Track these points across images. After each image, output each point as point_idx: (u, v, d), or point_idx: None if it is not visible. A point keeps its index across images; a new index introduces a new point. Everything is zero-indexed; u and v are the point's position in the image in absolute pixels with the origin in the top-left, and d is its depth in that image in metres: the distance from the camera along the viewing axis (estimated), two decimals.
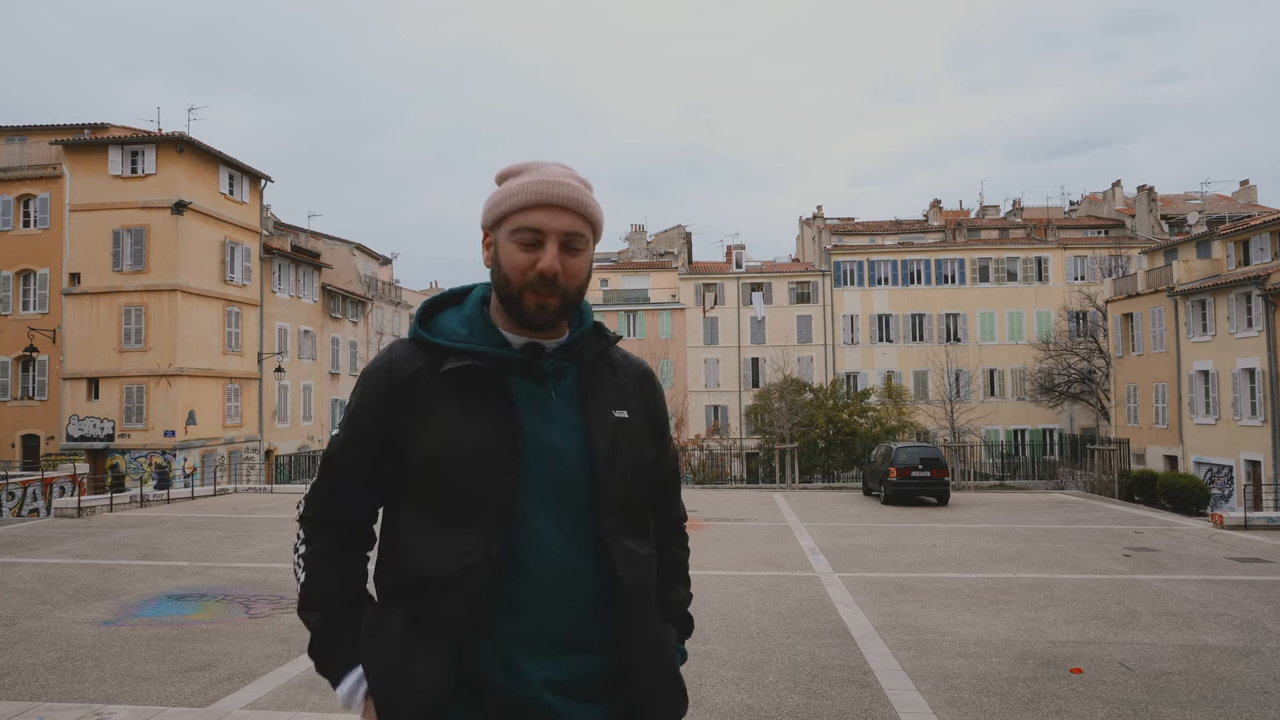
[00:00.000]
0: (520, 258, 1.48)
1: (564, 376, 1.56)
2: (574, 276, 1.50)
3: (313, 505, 1.58)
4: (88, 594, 9.35)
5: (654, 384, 1.72)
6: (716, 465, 37.08)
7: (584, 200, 1.50)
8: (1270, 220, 28.72)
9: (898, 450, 21.61)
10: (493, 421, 1.47)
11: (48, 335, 30.13)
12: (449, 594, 1.43)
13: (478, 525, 1.44)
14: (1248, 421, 26.86)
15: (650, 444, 1.65)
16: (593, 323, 1.64)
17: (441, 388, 1.49)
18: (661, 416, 1.72)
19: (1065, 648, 7.08)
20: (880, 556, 12.27)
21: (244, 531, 15.22)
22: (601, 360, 1.62)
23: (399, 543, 1.51)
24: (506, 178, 1.54)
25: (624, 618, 1.51)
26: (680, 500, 1.84)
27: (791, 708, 5.51)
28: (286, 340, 36.48)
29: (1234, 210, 45.90)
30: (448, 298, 1.65)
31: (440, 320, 1.59)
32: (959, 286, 47.53)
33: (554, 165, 1.53)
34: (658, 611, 1.61)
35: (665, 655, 1.58)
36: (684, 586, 1.77)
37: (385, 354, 1.56)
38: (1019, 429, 45.17)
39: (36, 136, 31.80)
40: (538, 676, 1.44)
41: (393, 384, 1.51)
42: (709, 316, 48.83)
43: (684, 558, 1.80)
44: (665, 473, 1.74)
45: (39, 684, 6.01)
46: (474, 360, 1.49)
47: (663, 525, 1.75)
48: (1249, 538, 14.79)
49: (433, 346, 1.53)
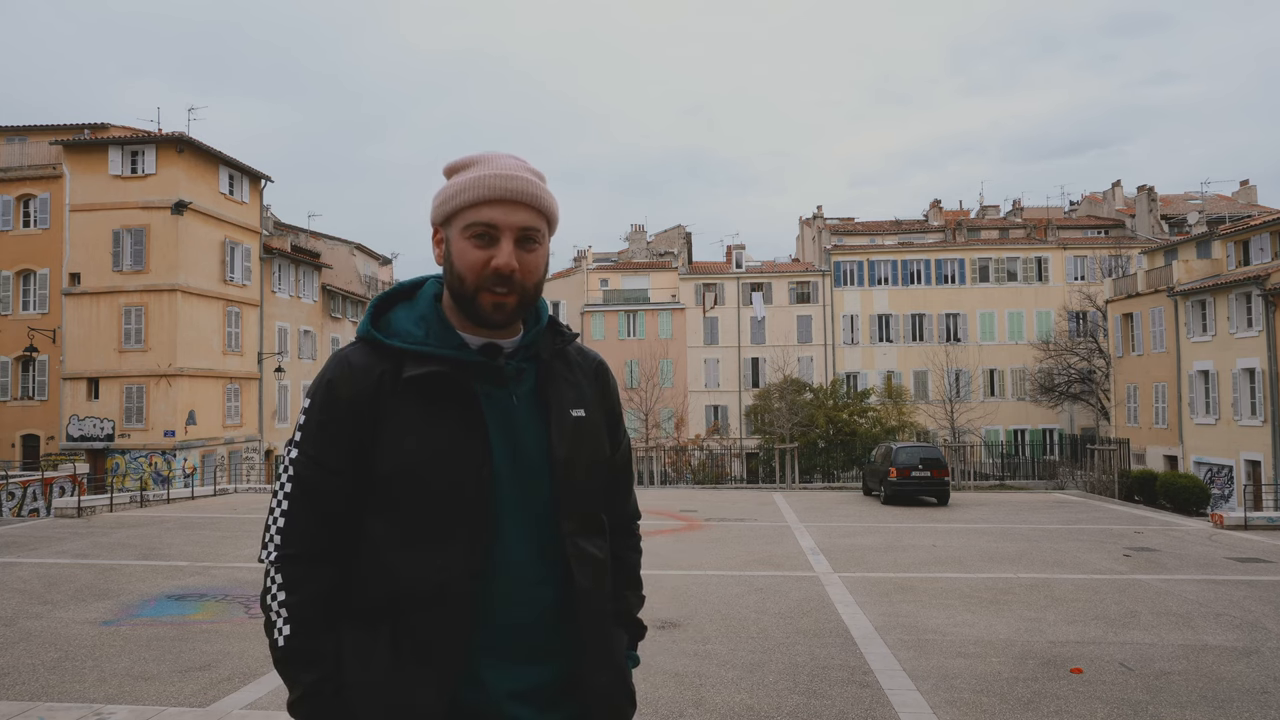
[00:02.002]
0: (474, 255, 1.43)
1: (524, 378, 1.52)
2: (531, 272, 1.45)
3: (291, 539, 1.42)
4: (88, 594, 9.35)
5: (608, 377, 1.69)
6: (716, 465, 37.07)
7: (538, 194, 1.45)
8: (1270, 220, 28.73)
9: (898, 450, 21.61)
10: (461, 430, 1.42)
11: (48, 335, 30.13)
12: (432, 611, 1.38)
13: (455, 538, 1.39)
14: (1248, 421, 26.86)
15: (606, 441, 1.62)
16: (548, 319, 1.60)
17: (405, 395, 1.43)
18: (616, 410, 1.70)
19: (1065, 648, 7.07)
20: (880, 556, 12.27)
21: (244, 531, 15.21)
22: (558, 358, 1.58)
23: (373, 560, 1.43)
24: (455, 171, 1.48)
25: (577, 622, 1.48)
26: (633, 496, 1.79)
27: (791, 708, 5.51)
28: (286, 340, 36.48)
29: (1234, 210, 45.90)
30: (398, 293, 1.58)
31: (394, 319, 1.51)
32: (959, 286, 47.53)
33: (506, 156, 1.47)
34: (610, 616, 1.57)
35: (616, 660, 1.55)
36: (634, 591, 1.73)
37: (342, 361, 1.47)
38: (1019, 429, 45.16)
39: (36, 136, 31.80)
40: (500, 687, 1.41)
41: (357, 393, 1.43)
42: (709, 316, 48.82)
43: (635, 560, 1.76)
44: (617, 466, 1.70)
45: (39, 684, 6.01)
46: (436, 366, 1.43)
47: (615, 521, 1.70)
48: (1249, 538, 14.79)
49: (388, 350, 1.45)
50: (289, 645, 1.40)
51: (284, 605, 1.41)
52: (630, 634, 1.70)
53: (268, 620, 1.44)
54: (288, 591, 1.41)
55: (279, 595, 1.41)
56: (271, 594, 1.42)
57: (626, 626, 1.68)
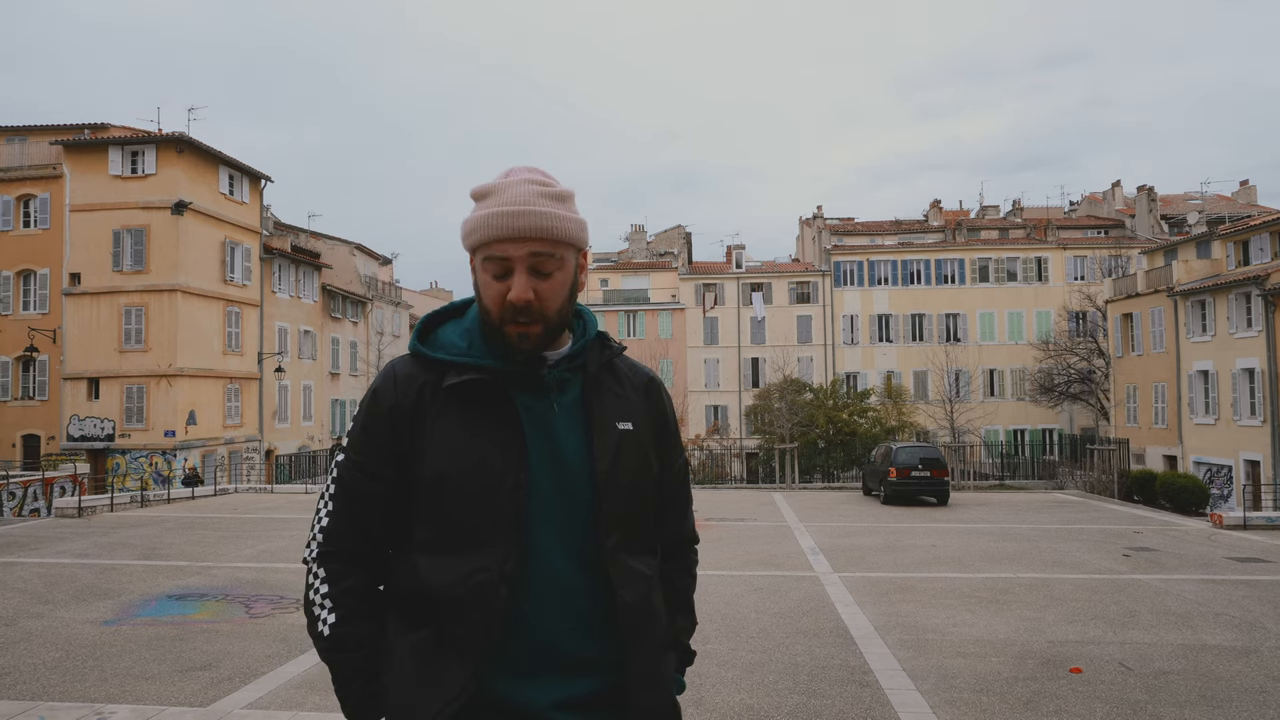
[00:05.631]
0: (494, 288, 1.45)
1: (567, 389, 1.53)
2: (549, 300, 1.45)
3: (333, 538, 1.49)
4: (88, 594, 9.36)
5: (660, 393, 1.67)
6: (716, 465, 37.08)
7: (549, 226, 1.43)
8: (1270, 220, 28.73)
9: (897, 450, 21.61)
10: (499, 437, 1.44)
11: (48, 335, 30.13)
12: (464, 614, 1.40)
13: (489, 543, 1.42)
14: (1247, 421, 26.87)
15: (654, 456, 1.61)
16: (596, 332, 1.60)
17: (445, 403, 1.46)
18: (668, 427, 1.67)
19: (1065, 647, 7.08)
20: (880, 556, 12.28)
21: (244, 531, 15.22)
22: (605, 371, 1.59)
23: (409, 563, 1.47)
24: (477, 198, 1.49)
25: (624, 639, 1.47)
26: (690, 516, 1.75)
27: (791, 707, 5.52)
28: (286, 340, 36.48)
29: (1234, 210, 45.91)
30: (449, 311, 1.62)
31: (440, 334, 1.56)
32: (959, 286, 47.53)
33: (521, 183, 1.46)
34: (660, 635, 1.56)
35: (663, 682, 1.54)
36: (684, 616, 1.71)
37: (388, 372, 1.53)
38: (1019, 429, 45.16)
39: (36, 136, 31.81)
40: (540, 699, 1.42)
41: (399, 402, 1.48)
42: (709, 316, 48.82)
43: (686, 585, 1.73)
44: (672, 485, 1.68)
45: (40, 684, 6.02)
46: (475, 374, 1.46)
47: (667, 542, 1.69)
48: (1248, 537, 14.80)
49: (433, 362, 1.50)
50: (335, 632, 1.45)
51: (327, 596, 1.46)
52: (679, 658, 1.68)
53: (311, 616, 1.48)
54: (330, 584, 1.47)
55: (321, 588, 1.47)
56: (314, 588, 1.48)
57: (675, 649, 1.66)
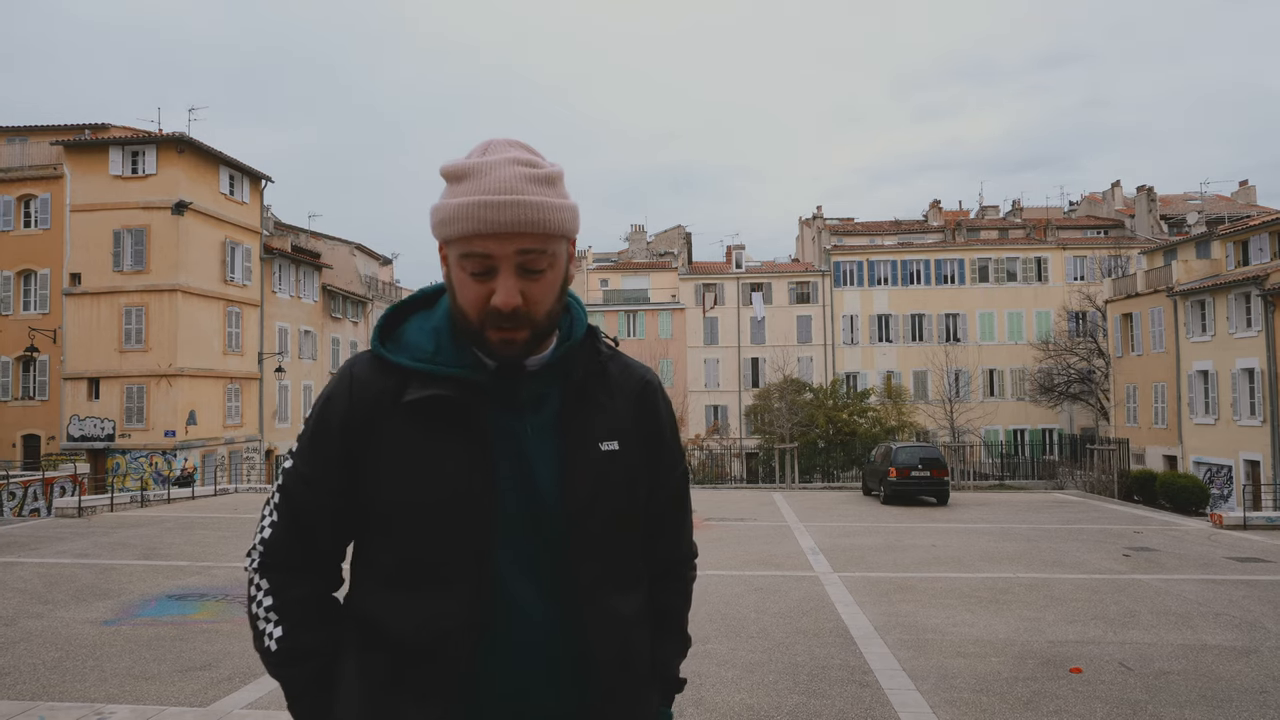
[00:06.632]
0: (474, 289, 1.26)
1: (544, 405, 1.35)
2: (539, 302, 1.27)
3: (273, 550, 1.34)
4: (88, 594, 9.36)
5: (656, 397, 1.48)
6: (716, 465, 37.10)
7: (541, 219, 1.24)
8: (1269, 220, 28.74)
9: (897, 450, 21.62)
10: (464, 461, 1.27)
11: (48, 335, 30.13)
12: (422, 664, 1.26)
13: (451, 581, 1.26)
14: (1247, 421, 26.87)
15: (645, 476, 1.43)
16: (585, 330, 1.41)
17: (406, 419, 1.29)
18: (663, 435, 1.48)
19: (1065, 647, 7.08)
20: (880, 556, 12.28)
21: (245, 531, 15.21)
22: (593, 378, 1.39)
23: (363, 585, 1.34)
24: (451, 178, 1.28)
25: (599, 695, 1.32)
26: (686, 535, 1.57)
27: (791, 707, 5.52)
28: (287, 340, 36.49)
29: (1233, 210, 45.89)
30: (417, 302, 1.42)
31: (406, 331, 1.37)
32: (958, 287, 47.54)
33: (505, 162, 1.25)
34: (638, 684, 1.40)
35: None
36: (674, 641, 1.54)
37: (345, 374, 1.36)
38: (1018, 429, 45.17)
39: (37, 136, 31.81)
40: None
41: (352, 411, 1.31)
42: (709, 316, 48.83)
43: (678, 607, 1.55)
44: (670, 499, 1.51)
45: (40, 683, 6.02)
46: (439, 389, 1.28)
47: (662, 561, 1.52)
48: (1248, 537, 14.80)
49: (394, 366, 1.32)
50: (282, 645, 1.32)
51: (271, 609, 1.33)
52: (663, 691, 1.51)
53: (256, 631, 1.35)
54: (275, 595, 1.34)
55: (265, 600, 1.34)
56: (257, 600, 1.35)
57: (660, 682, 1.50)
